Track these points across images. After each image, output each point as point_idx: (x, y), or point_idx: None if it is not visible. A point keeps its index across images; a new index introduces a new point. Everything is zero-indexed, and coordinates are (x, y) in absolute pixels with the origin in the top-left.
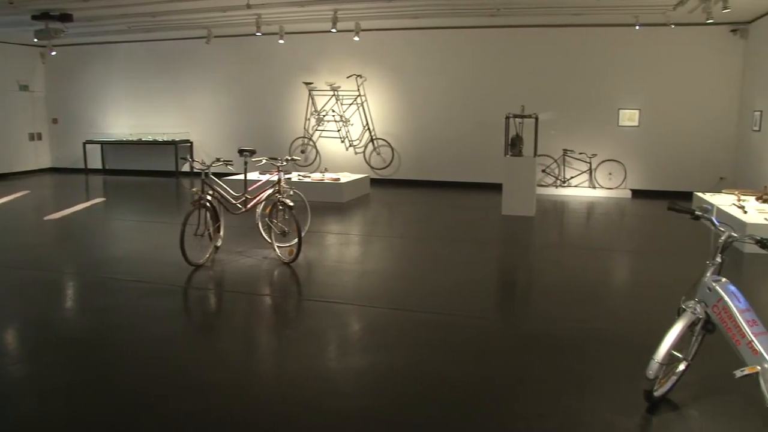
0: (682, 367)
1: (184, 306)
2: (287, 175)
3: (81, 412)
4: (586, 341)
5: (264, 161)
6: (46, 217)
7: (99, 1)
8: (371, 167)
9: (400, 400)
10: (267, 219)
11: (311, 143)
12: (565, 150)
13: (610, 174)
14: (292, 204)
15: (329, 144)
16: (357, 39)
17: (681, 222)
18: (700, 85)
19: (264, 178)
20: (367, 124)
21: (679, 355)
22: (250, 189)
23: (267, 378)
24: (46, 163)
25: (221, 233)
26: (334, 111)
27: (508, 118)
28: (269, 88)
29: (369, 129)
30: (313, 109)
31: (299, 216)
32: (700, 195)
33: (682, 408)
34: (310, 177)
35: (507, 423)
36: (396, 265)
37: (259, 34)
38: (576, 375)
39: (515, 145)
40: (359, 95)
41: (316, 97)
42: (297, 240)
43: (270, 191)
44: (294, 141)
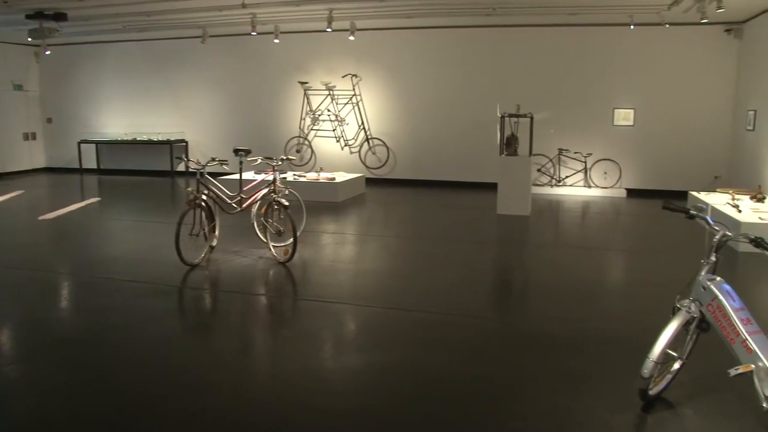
0: (676, 366)
1: (179, 306)
2: (282, 175)
3: (78, 412)
4: (581, 340)
5: (259, 161)
6: (40, 217)
7: (93, 1)
8: (366, 167)
9: (395, 399)
10: (262, 219)
11: (306, 143)
12: (561, 149)
13: (605, 173)
14: (287, 204)
15: (324, 143)
16: (352, 38)
17: (676, 221)
18: (694, 85)
19: (259, 177)
20: (363, 123)
21: (674, 354)
22: (245, 189)
23: (262, 377)
24: (40, 163)
25: (216, 233)
26: (329, 110)
27: (503, 117)
28: (264, 87)
29: (364, 128)
30: (309, 109)
31: (294, 216)
32: (694, 194)
33: (677, 406)
34: (305, 176)
35: (503, 422)
36: (391, 265)
37: (255, 33)
38: (572, 374)
39: (510, 145)
40: (354, 95)
41: (311, 97)
42: (292, 240)
43: (265, 191)
44: (289, 140)
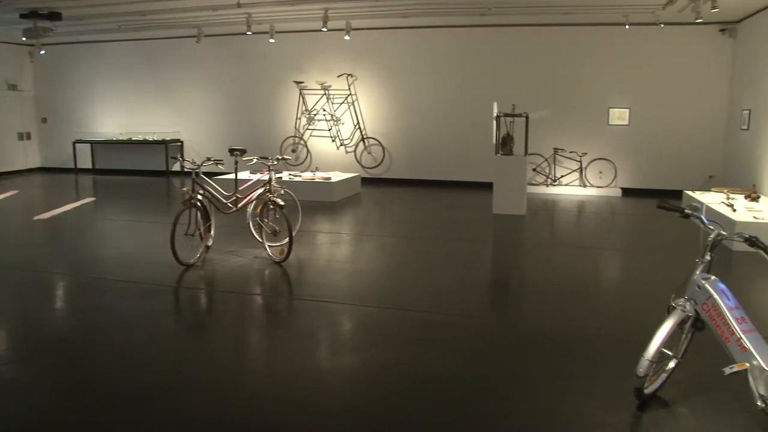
0: (672, 365)
1: (175, 306)
2: (278, 175)
3: (74, 413)
4: (577, 339)
5: (255, 160)
6: (35, 217)
7: (88, 0)
8: (362, 166)
9: (391, 399)
10: (258, 218)
11: (302, 142)
12: (556, 149)
13: (600, 173)
14: (282, 203)
15: (320, 143)
16: (348, 38)
17: (671, 220)
18: (689, 84)
19: (255, 177)
20: (358, 123)
21: (669, 353)
22: (240, 188)
23: (258, 377)
24: (35, 163)
25: (212, 233)
26: (324, 110)
27: (498, 117)
28: (260, 87)
29: (360, 128)
30: (304, 109)
31: (290, 215)
32: (689, 193)
33: (672, 405)
34: (300, 176)
35: (499, 421)
36: (387, 264)
37: (250, 33)
38: (567, 373)
39: (506, 144)
40: (350, 94)
41: (306, 96)
42: (288, 239)
43: (261, 190)
44: (285, 140)
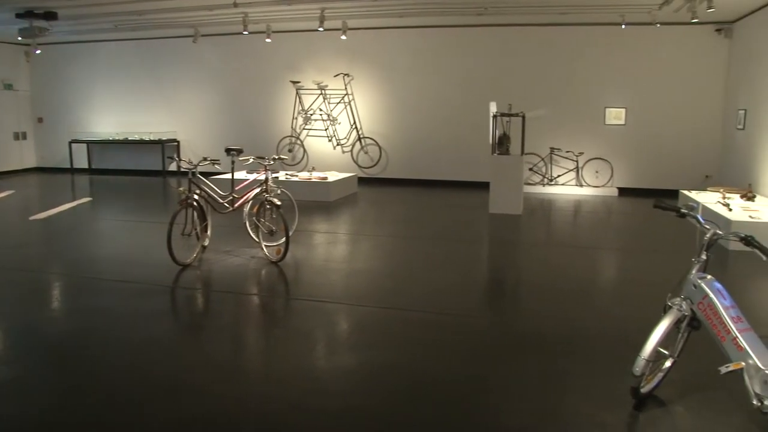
0: (668, 364)
1: (171, 306)
2: (274, 174)
3: (69, 414)
4: (574, 339)
5: (251, 160)
6: (31, 217)
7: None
8: (359, 166)
9: (389, 398)
10: (254, 218)
11: (298, 142)
12: (552, 148)
13: (596, 172)
14: (279, 203)
15: (317, 143)
16: (344, 38)
17: (667, 220)
18: (685, 84)
19: (251, 177)
20: (355, 122)
21: (665, 352)
22: (237, 188)
23: (255, 378)
24: (31, 163)
25: (208, 233)
26: (321, 110)
27: (495, 116)
28: (256, 87)
29: (356, 128)
30: (301, 108)
31: (287, 215)
32: (685, 193)
33: (668, 404)
34: (297, 176)
35: (496, 421)
36: (384, 264)
37: (246, 32)
38: (564, 372)
39: (502, 144)
40: (346, 94)
41: (303, 96)
42: (284, 239)
43: (257, 190)
44: (281, 140)
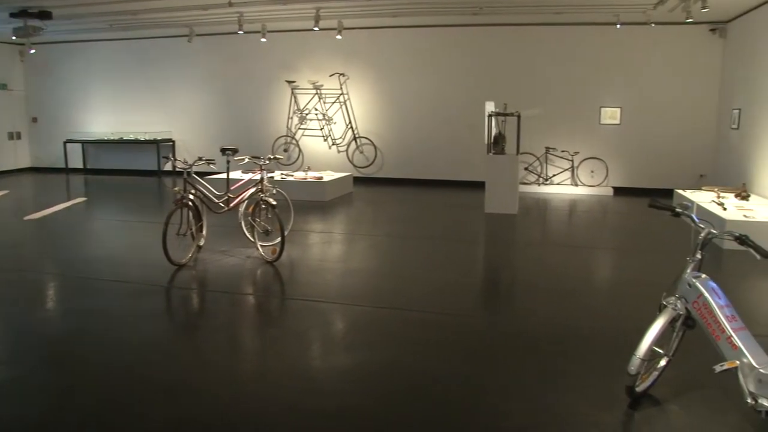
0: (663, 363)
1: (166, 306)
2: (270, 174)
3: (65, 414)
4: (569, 338)
5: (246, 160)
6: (26, 217)
7: None
8: (354, 165)
9: (385, 398)
10: (250, 218)
11: (294, 142)
12: (548, 148)
13: (592, 172)
14: (274, 203)
15: (312, 142)
16: (339, 37)
17: (662, 219)
18: (680, 84)
19: (247, 177)
20: (350, 122)
21: (660, 351)
22: (232, 188)
23: (250, 378)
24: (25, 163)
25: (204, 232)
26: (316, 109)
27: (490, 116)
28: (252, 86)
29: (352, 127)
30: (296, 108)
31: (282, 215)
32: (680, 192)
33: (663, 403)
34: (292, 176)
35: (492, 420)
36: (380, 264)
37: (241, 32)
38: (560, 372)
39: (498, 143)
40: (342, 93)
41: (298, 96)
42: (280, 239)
43: (253, 190)
44: (277, 140)
